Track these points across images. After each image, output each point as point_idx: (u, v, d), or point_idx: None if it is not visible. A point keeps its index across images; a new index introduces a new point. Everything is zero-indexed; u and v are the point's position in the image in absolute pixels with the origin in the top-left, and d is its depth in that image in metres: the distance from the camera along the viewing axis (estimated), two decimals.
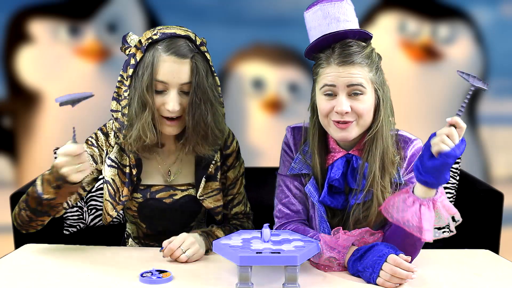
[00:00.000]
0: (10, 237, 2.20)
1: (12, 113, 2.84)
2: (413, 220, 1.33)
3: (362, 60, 1.44)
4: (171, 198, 1.64)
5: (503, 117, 2.89)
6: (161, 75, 1.48)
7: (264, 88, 2.84)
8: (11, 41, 2.78)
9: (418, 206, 1.34)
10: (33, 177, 2.44)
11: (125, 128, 1.54)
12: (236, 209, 1.73)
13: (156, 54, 1.48)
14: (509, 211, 2.55)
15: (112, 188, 1.61)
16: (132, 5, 2.78)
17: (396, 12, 2.83)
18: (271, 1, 2.80)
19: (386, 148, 1.48)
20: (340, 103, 1.43)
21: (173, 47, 1.48)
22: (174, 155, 1.66)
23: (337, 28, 1.47)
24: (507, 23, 2.83)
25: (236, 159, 1.71)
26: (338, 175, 1.51)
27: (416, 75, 2.85)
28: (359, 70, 1.44)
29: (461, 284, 1.36)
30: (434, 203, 1.34)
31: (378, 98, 1.48)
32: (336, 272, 1.42)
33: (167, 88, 1.50)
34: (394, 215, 1.36)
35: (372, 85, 1.46)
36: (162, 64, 1.48)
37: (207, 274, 1.41)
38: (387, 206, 1.38)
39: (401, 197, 1.37)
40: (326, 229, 1.52)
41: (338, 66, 1.44)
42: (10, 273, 1.40)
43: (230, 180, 1.70)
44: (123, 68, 1.56)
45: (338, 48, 1.45)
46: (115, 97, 1.58)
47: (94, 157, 1.62)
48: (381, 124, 1.48)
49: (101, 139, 1.62)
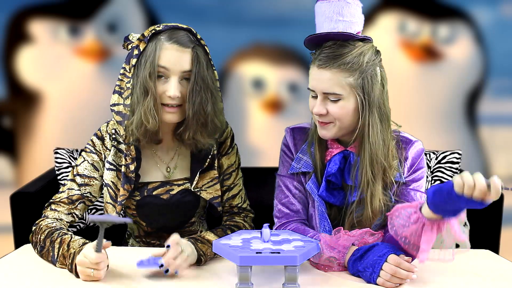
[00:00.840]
0: (10, 237, 2.20)
1: (12, 113, 2.84)
2: (411, 238, 1.32)
3: (341, 65, 1.43)
4: (168, 194, 1.65)
5: (503, 117, 2.89)
6: (163, 61, 1.52)
7: (264, 88, 2.84)
8: (11, 41, 2.78)
9: (421, 225, 1.32)
10: (33, 177, 2.43)
11: (127, 118, 1.56)
12: (231, 201, 1.71)
13: (158, 43, 1.52)
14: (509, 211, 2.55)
15: (112, 191, 1.62)
16: (132, 5, 2.77)
17: (396, 12, 2.82)
18: (271, 1, 2.80)
19: (375, 153, 1.46)
20: (317, 105, 1.47)
21: (175, 37, 1.53)
22: (172, 151, 1.67)
23: (328, 27, 1.47)
24: (507, 23, 2.83)
25: (230, 146, 1.71)
26: (334, 170, 1.51)
27: (416, 75, 2.85)
28: (334, 75, 1.43)
29: (461, 284, 1.36)
30: (439, 226, 1.30)
31: (362, 102, 1.45)
32: (336, 272, 1.42)
33: (168, 75, 1.53)
34: (395, 226, 1.35)
35: (351, 90, 1.45)
36: (165, 52, 1.52)
37: (207, 274, 1.41)
38: (392, 215, 1.37)
39: (408, 211, 1.34)
40: (327, 226, 1.52)
41: (318, 68, 1.46)
42: (10, 273, 1.40)
43: (224, 169, 1.70)
44: (125, 60, 1.59)
45: (321, 50, 1.46)
46: (117, 91, 1.59)
47: (95, 164, 1.63)
48: (366, 128, 1.46)
49: (97, 144, 1.64)
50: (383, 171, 1.48)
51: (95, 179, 1.63)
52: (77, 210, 1.61)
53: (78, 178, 1.62)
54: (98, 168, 1.63)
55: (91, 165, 1.63)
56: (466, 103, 2.86)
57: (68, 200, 1.60)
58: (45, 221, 1.56)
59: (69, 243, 1.43)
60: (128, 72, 1.57)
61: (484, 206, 1.23)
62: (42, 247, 1.49)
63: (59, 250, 1.44)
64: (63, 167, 2.30)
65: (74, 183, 1.62)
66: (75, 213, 1.61)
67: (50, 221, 1.55)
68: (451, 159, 2.42)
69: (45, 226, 1.53)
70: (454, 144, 2.80)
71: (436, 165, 2.42)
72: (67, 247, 1.42)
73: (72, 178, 1.63)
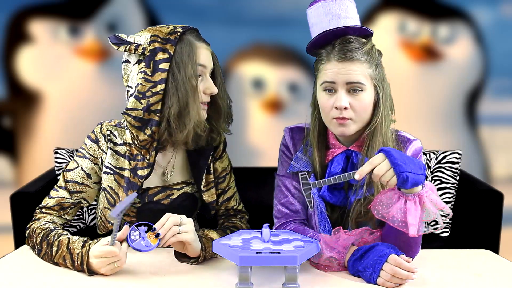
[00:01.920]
0: (10, 237, 2.20)
1: (12, 113, 2.84)
2: (398, 216, 1.34)
3: (362, 56, 1.45)
4: (168, 199, 1.64)
5: (503, 117, 2.89)
6: (202, 59, 1.55)
7: (264, 88, 2.84)
8: (11, 41, 2.78)
9: (403, 201, 1.35)
10: (33, 177, 2.44)
11: (156, 125, 1.52)
12: (226, 203, 1.72)
13: (192, 43, 1.54)
14: (509, 211, 2.55)
15: (110, 196, 1.59)
16: (132, 5, 2.78)
17: (396, 12, 2.83)
18: (271, 1, 2.80)
19: (386, 144, 1.50)
20: (339, 99, 1.45)
21: (199, 37, 1.57)
22: (169, 154, 1.66)
23: (337, 24, 1.48)
24: (507, 23, 2.83)
25: (223, 150, 1.73)
26: (338, 170, 1.51)
27: (416, 75, 2.85)
28: (358, 67, 1.45)
29: (461, 284, 1.36)
30: (420, 198, 1.35)
31: (377, 94, 1.49)
32: (336, 272, 1.42)
33: (203, 73, 1.56)
34: (380, 211, 1.37)
35: (371, 81, 1.47)
36: (201, 50, 1.55)
37: (207, 274, 1.41)
38: (374, 204, 1.39)
39: (387, 194, 1.38)
40: (326, 226, 1.52)
41: (337, 62, 1.45)
42: (10, 273, 1.40)
43: (218, 172, 1.71)
44: (145, 64, 1.51)
45: (338, 45, 1.47)
46: (136, 95, 1.51)
47: (88, 172, 1.60)
48: (381, 119, 1.49)
49: (92, 147, 1.60)
50: None
51: (88, 186, 1.61)
52: (69, 215, 1.61)
53: (69, 185, 1.59)
54: (91, 176, 1.60)
55: (84, 172, 1.60)
56: (466, 103, 2.87)
57: (59, 207, 1.59)
58: (37, 223, 1.55)
59: (69, 245, 1.43)
60: (149, 76, 1.50)
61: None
62: (40, 250, 1.48)
63: (56, 253, 1.43)
64: (63, 167, 2.30)
65: (65, 191, 1.59)
66: (67, 218, 1.61)
67: (43, 223, 1.55)
68: (451, 159, 2.42)
69: (38, 228, 1.52)
70: (454, 144, 2.80)
71: (436, 165, 2.42)
72: (67, 249, 1.42)
73: (64, 185, 1.59)
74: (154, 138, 1.54)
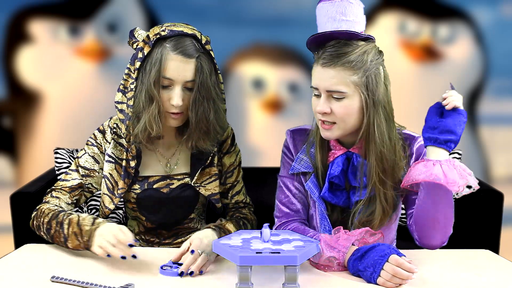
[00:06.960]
0: (10, 237, 2.20)
1: (12, 113, 2.84)
2: (439, 174, 1.37)
3: (345, 63, 1.43)
4: (168, 188, 1.68)
5: (503, 117, 2.90)
6: (168, 72, 1.53)
7: (264, 88, 2.84)
8: (11, 41, 2.78)
9: (439, 165, 1.38)
10: (33, 177, 2.44)
11: (129, 119, 1.59)
12: (236, 197, 1.76)
13: (164, 51, 1.53)
14: (509, 211, 2.55)
15: (110, 182, 1.66)
16: (132, 5, 2.78)
17: (396, 12, 2.83)
18: (271, 1, 2.80)
19: (384, 152, 1.47)
20: (320, 104, 1.46)
21: (180, 47, 1.53)
22: (174, 147, 1.70)
23: (331, 27, 1.47)
24: (507, 23, 2.83)
25: (231, 145, 1.74)
26: (337, 172, 1.51)
27: (416, 75, 2.85)
28: (340, 73, 1.43)
29: (461, 284, 1.36)
30: (451, 162, 1.39)
31: (366, 101, 1.46)
32: (336, 272, 1.42)
33: (172, 84, 1.55)
34: (419, 178, 1.39)
35: (355, 88, 1.44)
36: (170, 62, 1.53)
37: (207, 274, 1.41)
38: (408, 179, 1.41)
39: (419, 165, 1.41)
40: (327, 226, 1.53)
41: (321, 67, 1.45)
42: (10, 273, 1.40)
43: (226, 167, 1.73)
44: (130, 61, 1.61)
45: (325, 49, 1.46)
46: (121, 89, 1.62)
47: (95, 157, 1.67)
48: (371, 125, 1.46)
49: (99, 137, 1.67)
50: (392, 168, 1.48)
51: (96, 171, 1.67)
52: (78, 199, 1.66)
53: (80, 169, 1.66)
54: (98, 161, 1.67)
55: (92, 157, 1.67)
56: (466, 103, 2.86)
57: (70, 188, 1.64)
58: (46, 205, 1.59)
59: (79, 221, 1.48)
60: (132, 73, 1.59)
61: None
62: (48, 229, 1.52)
63: (68, 229, 1.49)
64: (63, 167, 2.30)
65: (77, 173, 1.66)
66: (75, 203, 1.65)
67: (52, 205, 1.59)
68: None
69: (47, 209, 1.56)
70: None
71: None
72: (77, 225, 1.48)
73: (75, 168, 1.67)
74: (130, 132, 1.60)
